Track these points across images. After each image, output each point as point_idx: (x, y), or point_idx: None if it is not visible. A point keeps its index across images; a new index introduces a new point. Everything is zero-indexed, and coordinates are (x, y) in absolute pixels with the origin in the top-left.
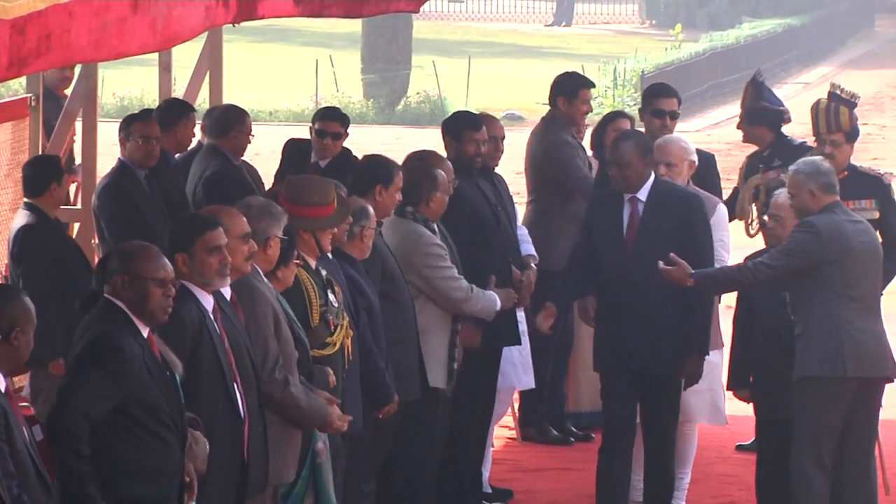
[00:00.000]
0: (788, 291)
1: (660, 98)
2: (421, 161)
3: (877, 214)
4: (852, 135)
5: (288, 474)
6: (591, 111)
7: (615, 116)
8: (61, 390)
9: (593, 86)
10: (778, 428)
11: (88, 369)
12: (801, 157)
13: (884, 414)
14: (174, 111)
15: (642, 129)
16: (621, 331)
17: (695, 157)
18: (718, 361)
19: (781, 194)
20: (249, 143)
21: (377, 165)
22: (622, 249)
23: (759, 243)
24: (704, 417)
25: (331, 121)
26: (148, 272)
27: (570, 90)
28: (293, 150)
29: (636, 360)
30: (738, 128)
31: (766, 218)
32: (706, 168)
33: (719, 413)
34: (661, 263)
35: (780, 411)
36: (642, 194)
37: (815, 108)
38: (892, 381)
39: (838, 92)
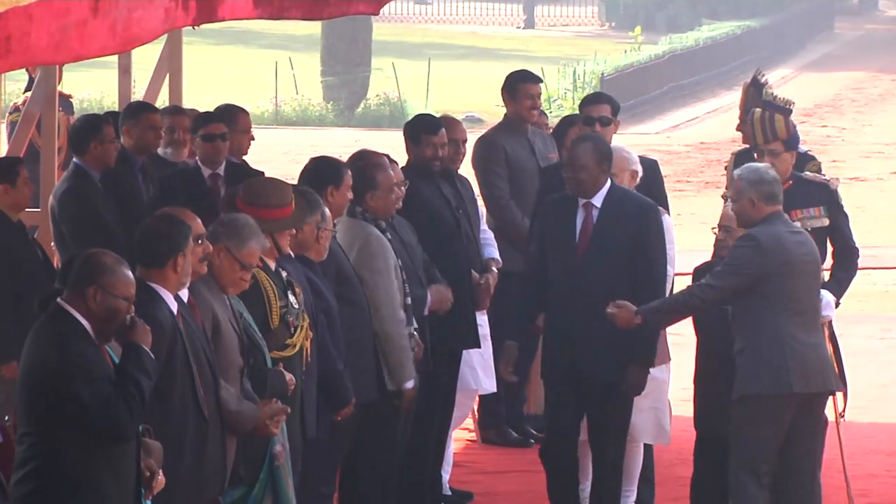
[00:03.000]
0: (730, 305)
1: (589, 105)
2: (358, 160)
3: (826, 222)
4: (791, 142)
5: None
6: (538, 107)
7: (576, 120)
8: (86, 406)
9: (538, 80)
10: (716, 446)
11: (82, 381)
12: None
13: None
14: (128, 113)
15: None
16: (568, 338)
17: (638, 167)
18: (665, 377)
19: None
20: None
21: (325, 166)
22: (572, 255)
23: None
24: (648, 436)
25: (216, 122)
26: (121, 290)
27: (511, 86)
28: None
29: (581, 369)
30: (738, 129)
31: (714, 229)
32: (649, 175)
33: (663, 432)
34: (609, 308)
35: (719, 430)
36: (597, 200)
37: (751, 120)
38: (834, 395)
39: (772, 99)
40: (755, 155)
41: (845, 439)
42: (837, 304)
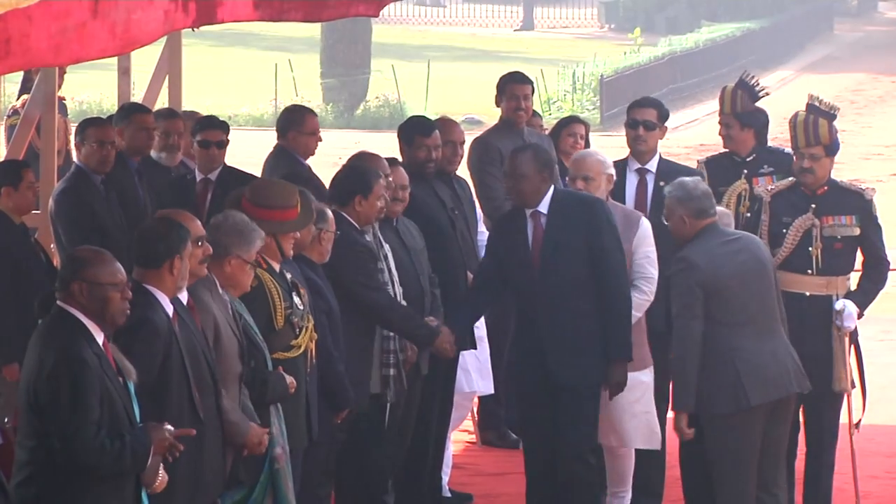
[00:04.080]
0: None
1: (635, 108)
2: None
3: (857, 231)
4: (832, 148)
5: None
6: (523, 108)
7: (570, 121)
8: (64, 426)
9: (525, 81)
10: (699, 452)
11: (72, 391)
12: (790, 167)
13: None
14: (120, 115)
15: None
16: (537, 347)
17: (612, 171)
18: (651, 381)
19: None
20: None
21: (355, 175)
22: (529, 265)
23: None
24: (640, 441)
25: (212, 129)
26: (105, 277)
27: (500, 88)
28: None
29: (553, 375)
30: (722, 133)
31: None
32: None
33: (654, 436)
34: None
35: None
36: (543, 207)
37: (794, 121)
38: (849, 401)
39: (817, 104)
40: (792, 158)
41: (845, 440)
42: (861, 316)
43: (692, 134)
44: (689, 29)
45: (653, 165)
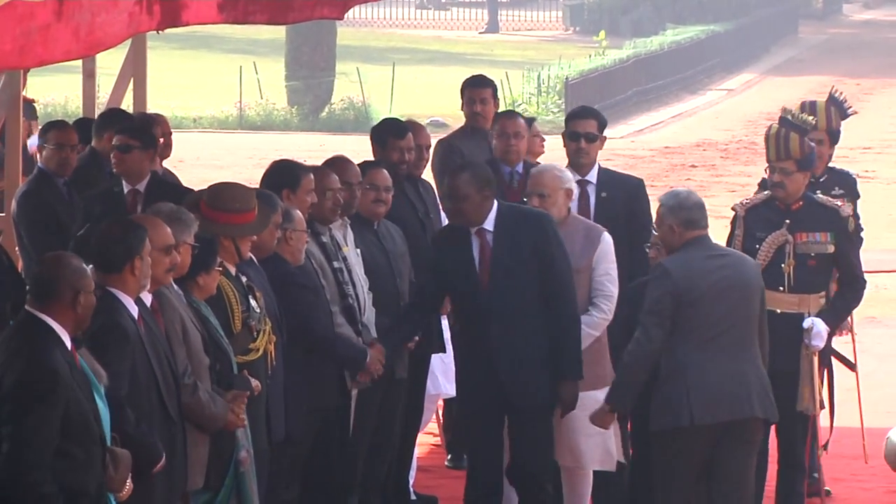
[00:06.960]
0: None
1: (575, 120)
2: (324, 163)
3: (831, 248)
4: (804, 163)
5: (196, 482)
6: (481, 112)
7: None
8: (12, 437)
9: (485, 85)
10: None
11: (32, 409)
12: (852, 186)
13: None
14: (103, 122)
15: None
16: (489, 367)
17: (571, 185)
18: None
19: None
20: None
21: (283, 170)
22: (477, 284)
23: None
24: (595, 462)
25: (115, 132)
26: (72, 281)
27: (462, 91)
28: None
29: (507, 394)
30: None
31: (647, 247)
32: (637, 193)
33: (610, 457)
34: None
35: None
36: (489, 224)
37: (767, 134)
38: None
39: (789, 117)
40: (765, 171)
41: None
42: (831, 335)
43: (657, 136)
44: (653, 31)
45: (593, 176)
